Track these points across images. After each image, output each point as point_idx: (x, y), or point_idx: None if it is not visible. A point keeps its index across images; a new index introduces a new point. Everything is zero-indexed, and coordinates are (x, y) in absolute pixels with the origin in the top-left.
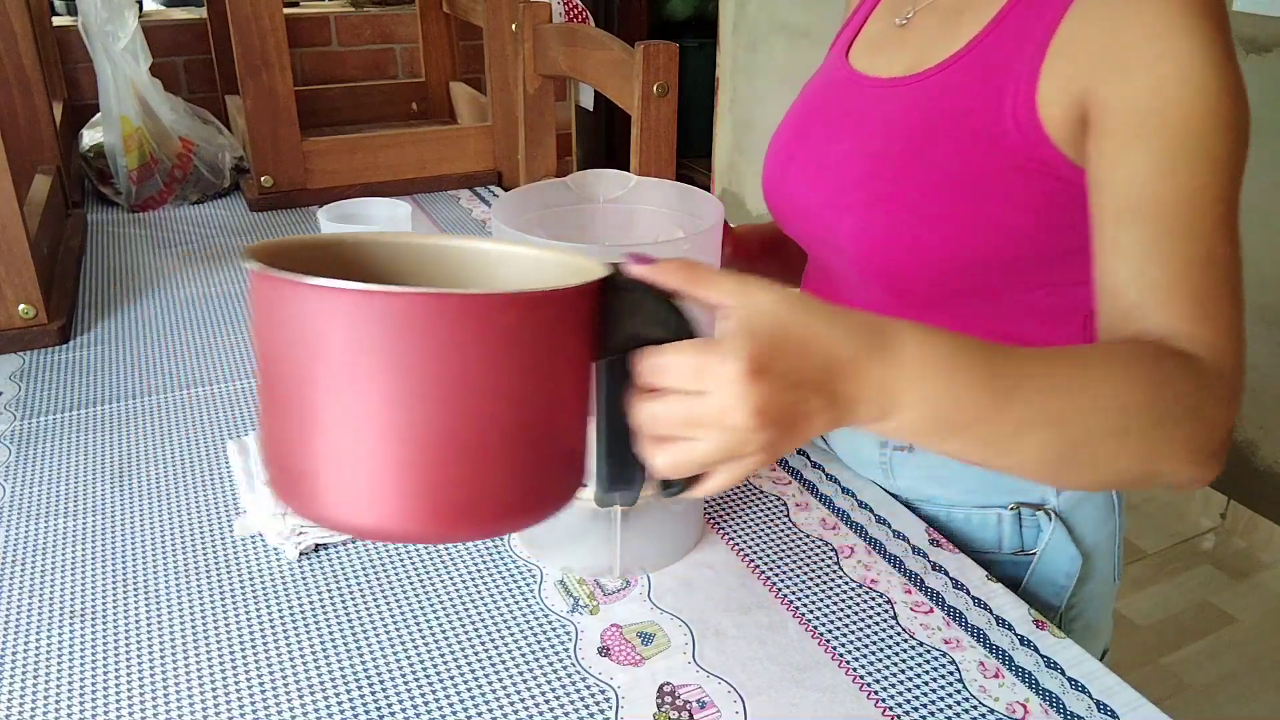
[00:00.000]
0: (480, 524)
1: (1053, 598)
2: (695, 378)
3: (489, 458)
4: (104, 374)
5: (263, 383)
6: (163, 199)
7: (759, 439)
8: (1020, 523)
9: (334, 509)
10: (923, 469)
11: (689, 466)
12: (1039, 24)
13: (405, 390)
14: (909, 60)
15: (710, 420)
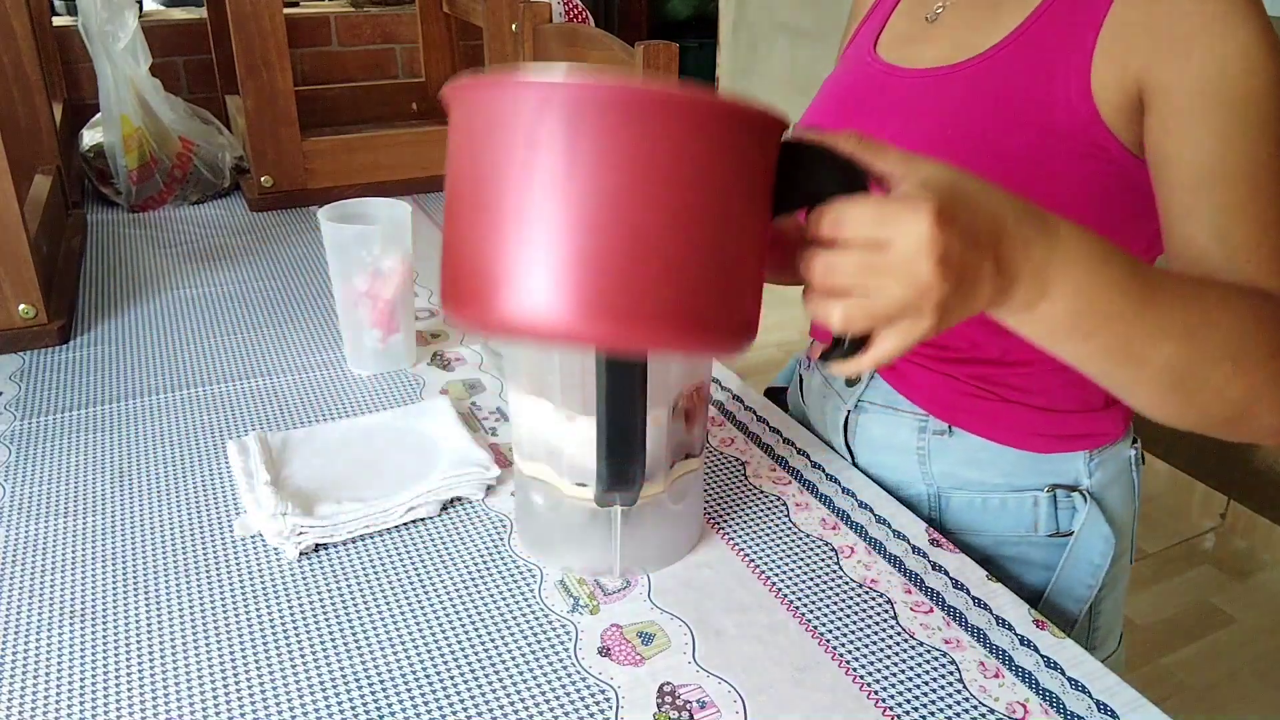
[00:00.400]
0: (660, 330)
1: (1088, 578)
2: (880, 226)
3: (677, 261)
4: (104, 374)
5: (459, 198)
6: (163, 199)
7: (937, 293)
8: (1056, 505)
9: (526, 308)
10: (959, 453)
11: (865, 319)
12: (1088, 10)
13: (608, 184)
14: (944, 51)
15: (893, 268)
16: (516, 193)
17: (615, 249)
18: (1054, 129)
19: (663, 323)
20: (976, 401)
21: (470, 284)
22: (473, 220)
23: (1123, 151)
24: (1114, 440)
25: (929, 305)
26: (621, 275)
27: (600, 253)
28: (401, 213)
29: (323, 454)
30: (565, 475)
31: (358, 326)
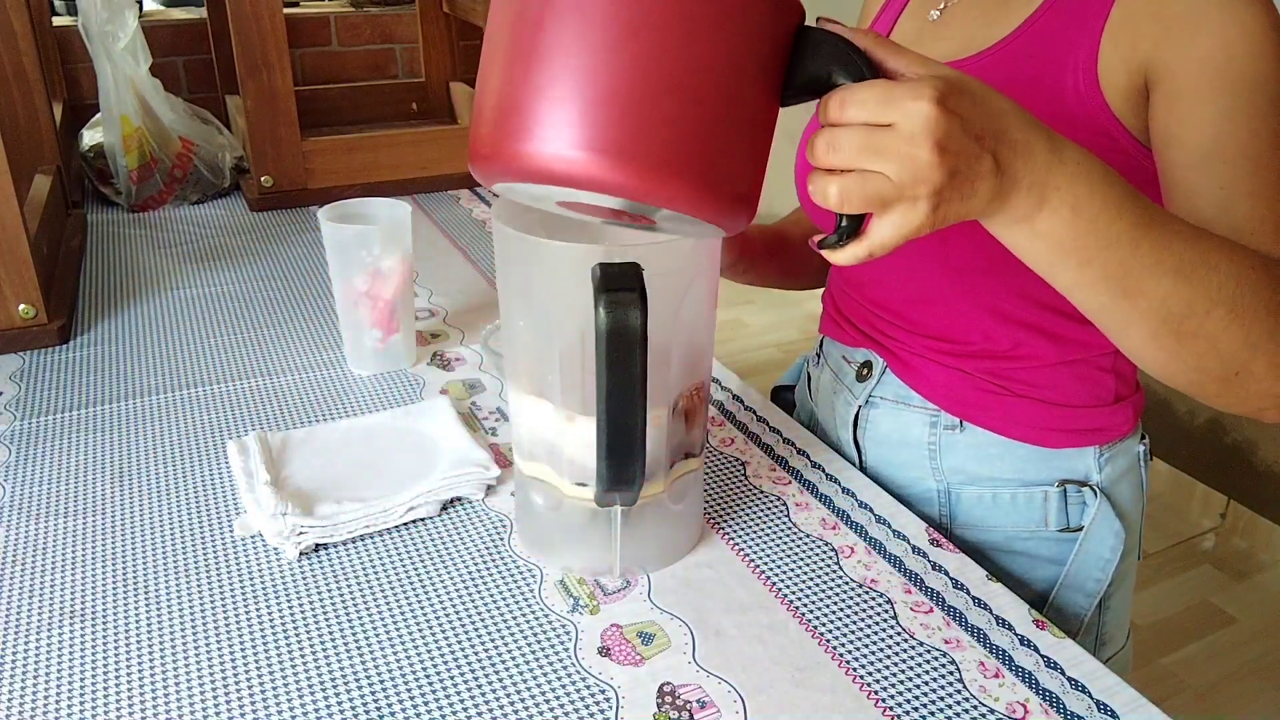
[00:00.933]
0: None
1: (1099, 572)
2: (884, 106)
3: (687, 111)
4: (104, 374)
5: (492, 45)
6: (163, 199)
7: (934, 179)
8: (1066, 500)
9: (549, 148)
10: (970, 449)
11: (861, 198)
12: (1093, 2)
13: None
14: (954, 47)
15: (892, 148)
16: (532, 32)
17: (626, 92)
18: (1063, 118)
19: (669, 171)
20: (988, 396)
21: (489, 126)
22: (496, 63)
23: (1130, 140)
24: (1123, 435)
25: (925, 191)
26: (631, 119)
27: (611, 96)
28: (401, 213)
29: (323, 454)
30: (565, 475)
31: (358, 326)
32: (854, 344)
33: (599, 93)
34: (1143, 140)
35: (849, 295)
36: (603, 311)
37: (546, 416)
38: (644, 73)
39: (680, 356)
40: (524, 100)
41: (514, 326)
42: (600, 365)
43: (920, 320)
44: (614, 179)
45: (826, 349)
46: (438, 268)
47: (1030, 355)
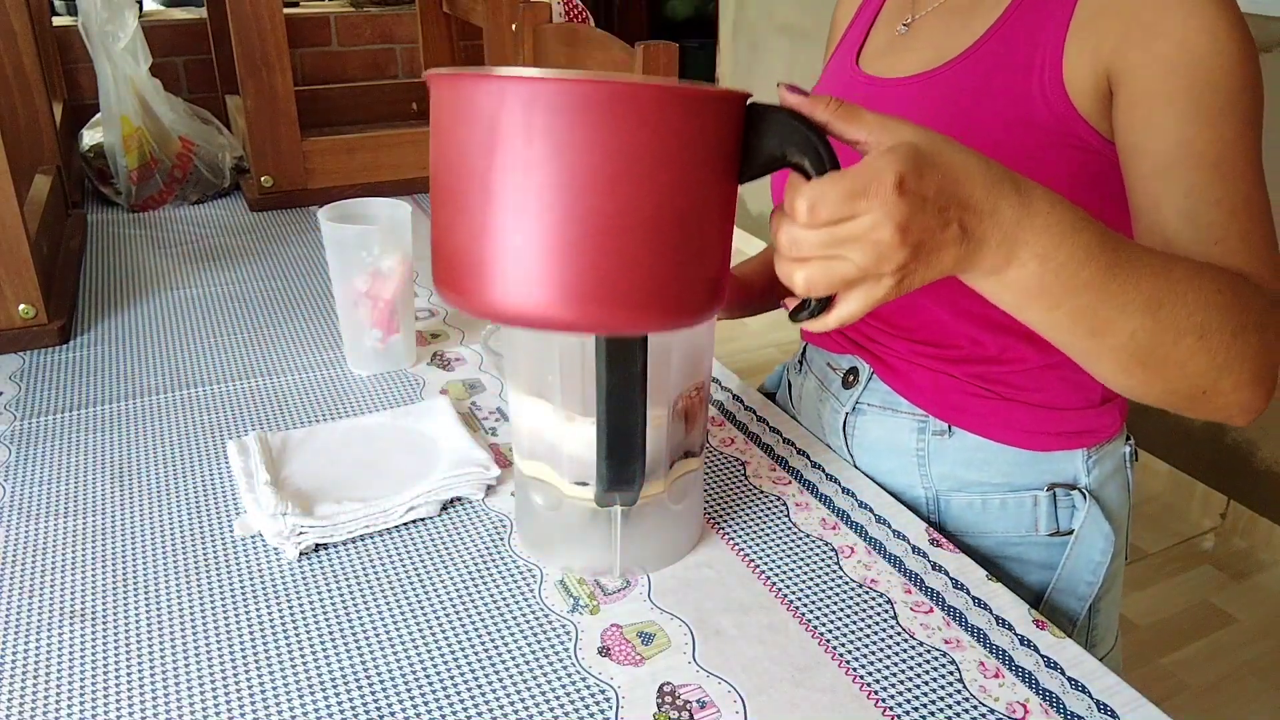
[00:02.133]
0: (632, 311)
1: (1090, 575)
2: (847, 205)
3: (647, 244)
4: (104, 374)
5: (437, 188)
6: (163, 199)
7: (897, 258)
8: (1055, 504)
9: (503, 296)
10: (958, 454)
11: (826, 284)
12: (1057, 2)
13: (575, 174)
14: (924, 58)
15: (855, 238)
16: (486, 185)
17: (586, 238)
18: (1031, 122)
19: (638, 304)
20: (976, 400)
21: (457, 270)
22: (455, 207)
23: (1101, 141)
24: (1110, 437)
25: (888, 269)
26: (593, 262)
27: (572, 242)
28: (401, 213)
29: (323, 454)
30: (565, 475)
31: (358, 326)
32: (839, 350)
33: (557, 240)
34: (1113, 139)
35: None
36: None
37: (546, 416)
38: (600, 218)
39: (680, 356)
40: (486, 250)
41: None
42: (600, 365)
43: (907, 325)
44: (580, 318)
45: (810, 356)
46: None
47: (1017, 359)
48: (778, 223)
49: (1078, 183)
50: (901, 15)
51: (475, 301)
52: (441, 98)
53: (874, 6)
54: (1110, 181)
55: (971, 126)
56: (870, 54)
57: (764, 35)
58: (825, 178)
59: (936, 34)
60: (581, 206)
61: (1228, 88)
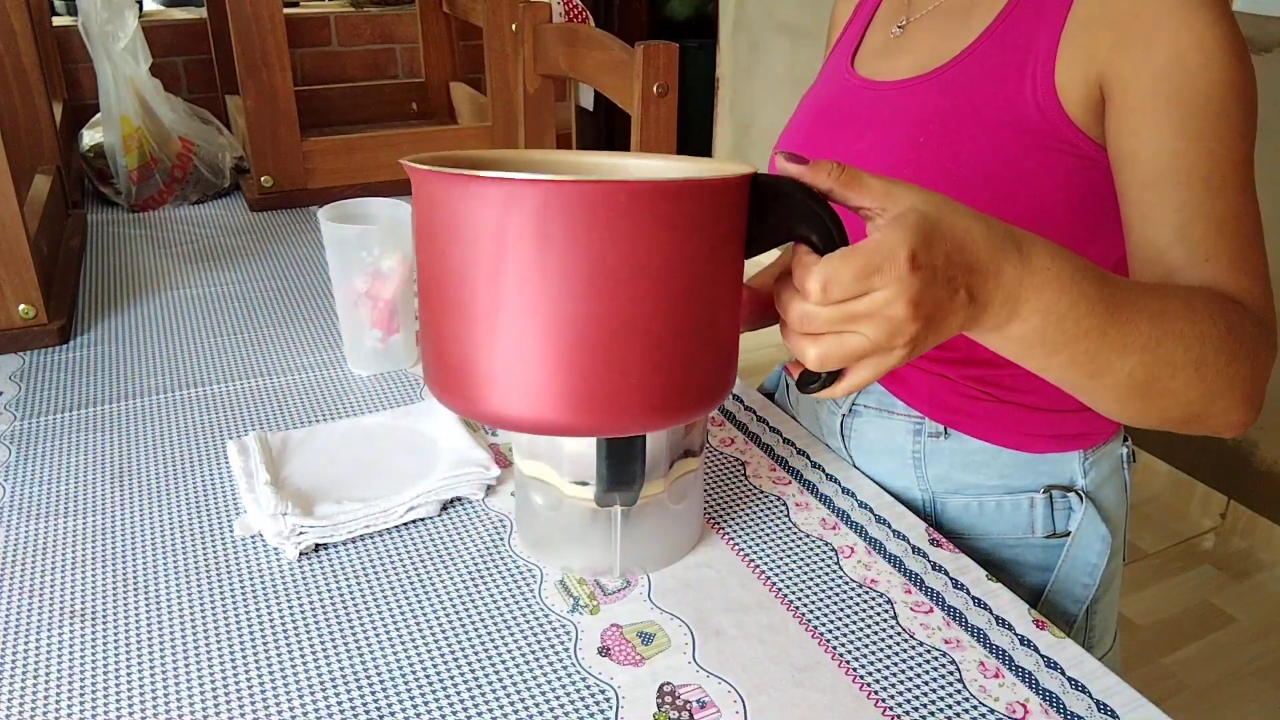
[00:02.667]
0: (641, 413)
1: (1087, 577)
2: (861, 284)
3: (653, 345)
4: (104, 374)
5: (425, 285)
6: (163, 199)
7: (910, 331)
8: (1052, 506)
9: (500, 403)
10: (955, 457)
11: (840, 360)
12: (1050, 8)
13: (570, 277)
14: (918, 61)
15: (868, 314)
16: (489, 292)
17: (590, 344)
18: (1024, 128)
19: (646, 406)
20: (972, 402)
21: (453, 376)
22: (449, 311)
23: (1093, 146)
24: (1107, 439)
25: (900, 343)
26: (599, 370)
27: (576, 349)
28: (401, 213)
29: (323, 454)
30: (565, 475)
31: (358, 326)
32: None
33: (564, 347)
34: (1104, 145)
35: None
36: None
37: None
38: (608, 323)
39: None
40: (490, 359)
41: None
42: None
43: None
44: (592, 424)
45: None
46: None
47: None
48: (788, 298)
49: (1069, 189)
50: (897, 17)
51: (481, 410)
52: (431, 196)
53: (871, 6)
54: (1102, 188)
55: (964, 131)
56: (865, 55)
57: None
58: (837, 255)
59: (931, 37)
60: (593, 310)
61: (1220, 99)
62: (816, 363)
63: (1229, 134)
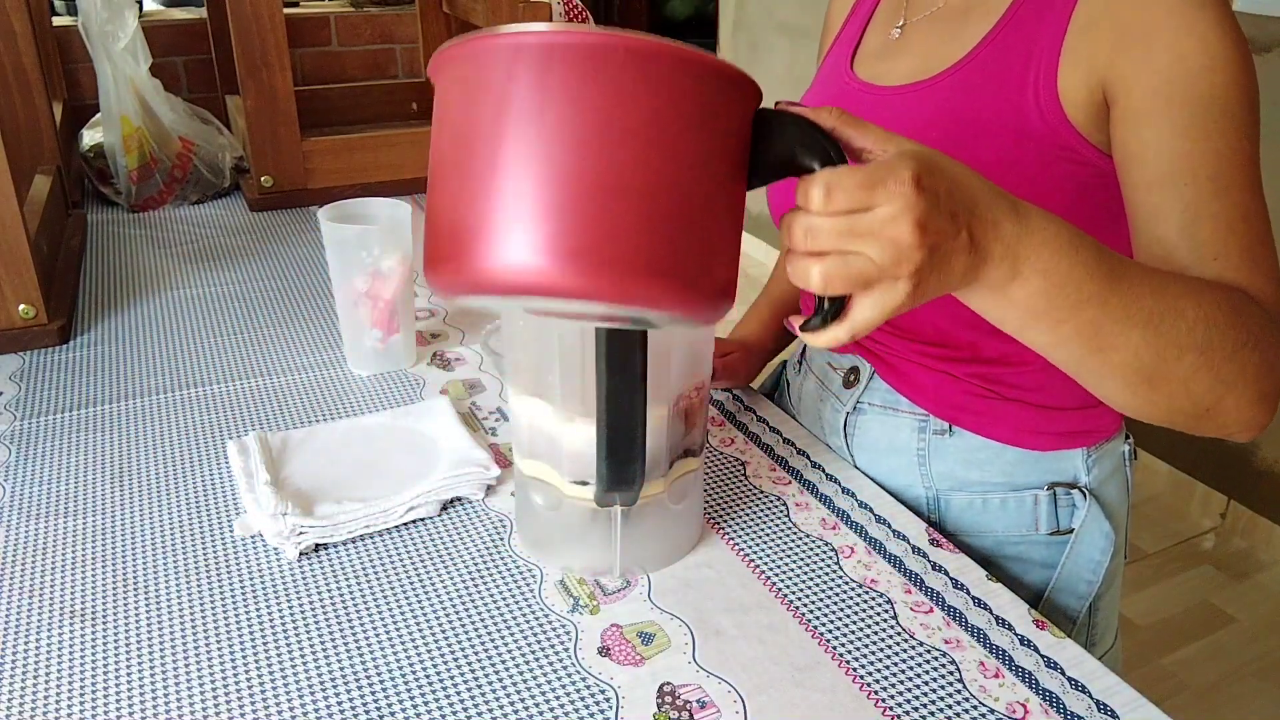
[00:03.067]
0: (637, 282)
1: (1090, 574)
2: (866, 194)
3: (655, 210)
4: (104, 374)
5: (432, 168)
6: (163, 199)
7: (915, 259)
8: (1055, 503)
9: (491, 260)
10: (959, 454)
11: (844, 281)
12: (1051, 14)
13: (581, 132)
14: (917, 65)
15: (873, 231)
16: (491, 145)
17: (589, 198)
18: (1025, 135)
19: (639, 274)
20: (976, 400)
21: (447, 245)
22: (451, 182)
23: (1095, 153)
24: (1110, 436)
25: (905, 271)
26: (596, 225)
27: (574, 202)
28: (401, 213)
29: (323, 454)
30: (565, 475)
31: (358, 326)
32: (840, 350)
33: (563, 199)
34: (1108, 152)
35: None
36: None
37: (546, 417)
38: (607, 178)
39: (680, 356)
40: (487, 212)
41: (514, 326)
42: (600, 365)
43: (909, 327)
44: (584, 284)
45: (809, 356)
46: None
47: (1018, 360)
48: (792, 219)
49: (1072, 196)
50: (895, 18)
51: (469, 271)
52: (445, 71)
53: (869, 6)
54: (1104, 195)
55: (965, 139)
56: (864, 57)
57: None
58: (841, 166)
59: (929, 40)
60: (591, 165)
61: (1224, 100)
62: (820, 282)
63: (1234, 134)
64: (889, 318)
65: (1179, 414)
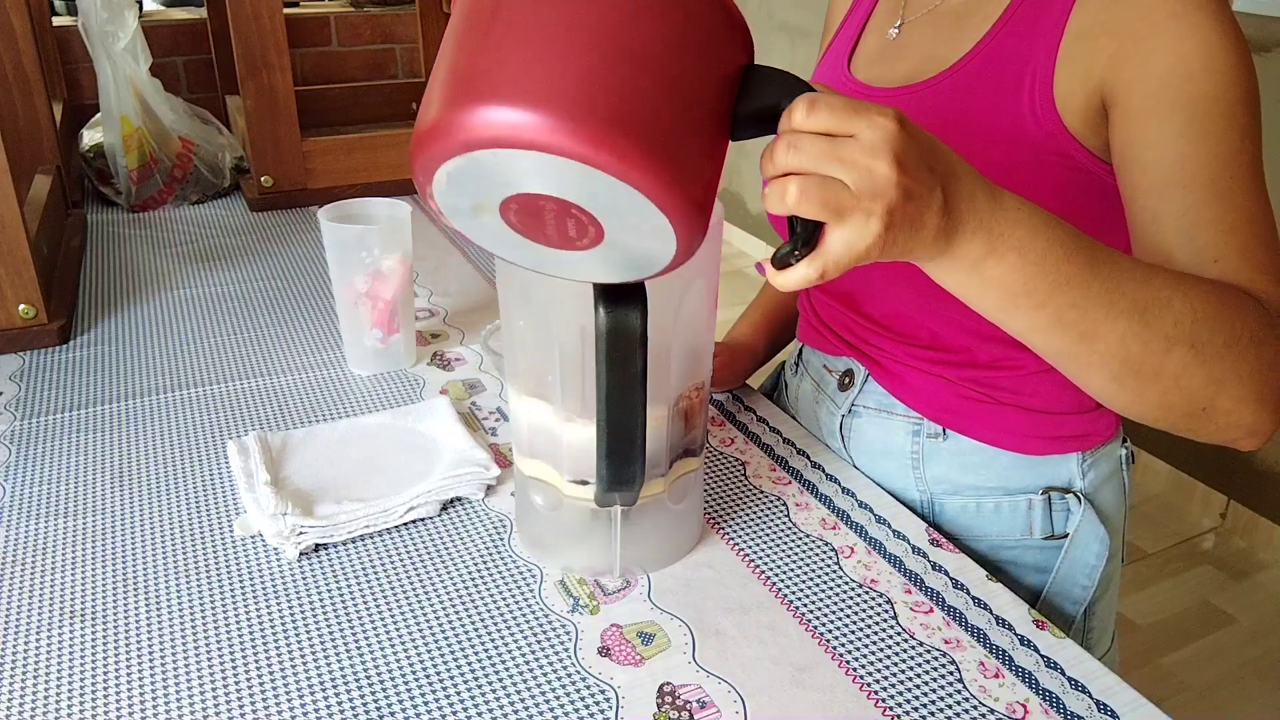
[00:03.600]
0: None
1: (1085, 579)
2: (849, 117)
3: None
4: (104, 374)
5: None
6: (163, 199)
7: (890, 194)
8: (1050, 508)
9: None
10: (953, 457)
11: (819, 199)
12: (1048, 18)
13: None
14: (914, 67)
15: (853, 157)
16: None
17: (582, 55)
18: (1022, 140)
19: (623, 132)
20: (971, 404)
21: (438, 92)
22: (446, 51)
23: (1091, 159)
24: (1106, 440)
25: (880, 208)
26: (587, 80)
27: (567, 57)
28: (401, 213)
29: (323, 454)
30: (565, 475)
31: (358, 326)
32: (836, 352)
33: (555, 54)
34: (1105, 158)
35: (831, 305)
36: (603, 312)
37: (546, 417)
38: (601, 38)
39: (680, 356)
40: (476, 66)
41: (514, 326)
42: (600, 365)
43: (903, 331)
44: (567, 138)
45: (806, 357)
46: (438, 268)
47: (1013, 365)
48: (773, 142)
49: (1067, 202)
50: (893, 17)
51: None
52: None
53: (866, 6)
54: (1100, 202)
55: (960, 142)
56: (862, 59)
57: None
58: (827, 91)
59: (926, 42)
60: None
61: (1224, 101)
62: (795, 197)
63: (1235, 136)
64: (859, 260)
65: (1173, 412)
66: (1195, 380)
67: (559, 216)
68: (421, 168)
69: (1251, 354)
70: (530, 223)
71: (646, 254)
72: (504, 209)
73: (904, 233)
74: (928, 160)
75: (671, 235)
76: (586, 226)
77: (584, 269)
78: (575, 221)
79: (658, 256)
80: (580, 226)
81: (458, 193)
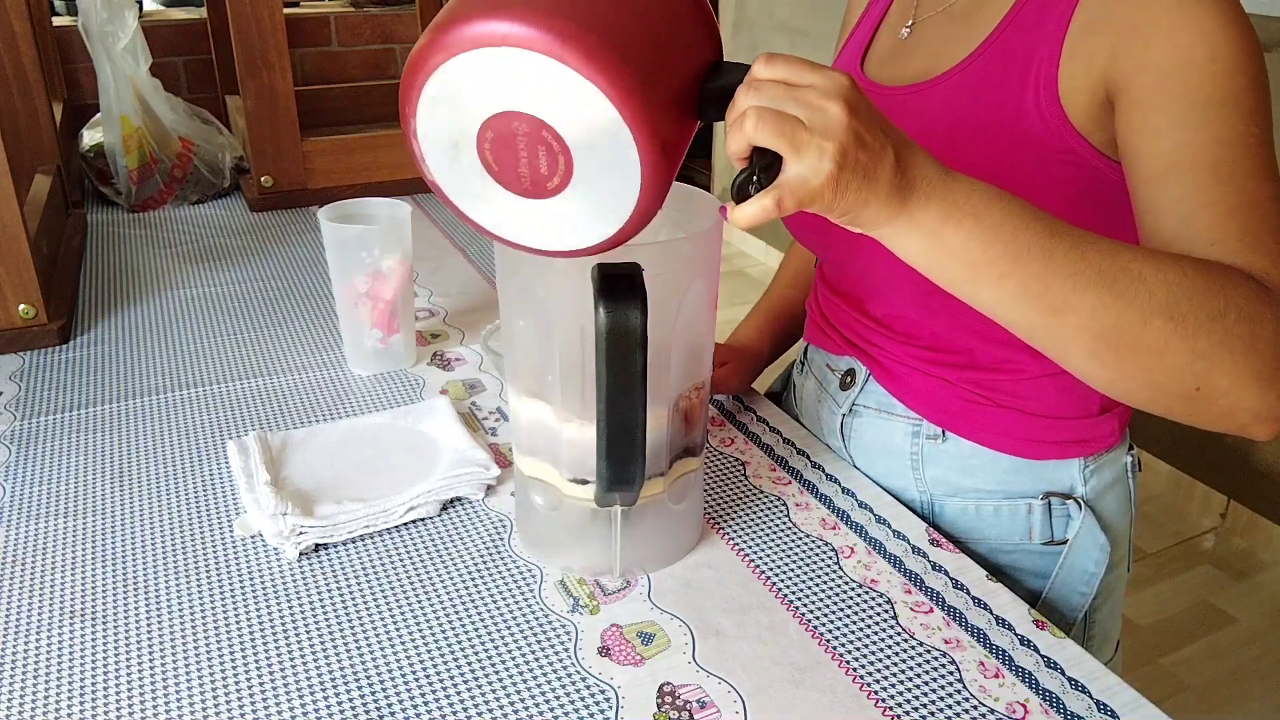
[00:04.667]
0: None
1: (1084, 586)
2: (806, 71)
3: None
4: (104, 374)
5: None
6: (163, 199)
7: (841, 136)
8: (1050, 513)
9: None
10: (953, 459)
11: (775, 127)
12: (1052, 14)
13: None
14: (924, 66)
15: (808, 97)
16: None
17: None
18: (1027, 136)
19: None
20: (971, 406)
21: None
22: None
23: (1096, 155)
24: (1110, 447)
25: (831, 147)
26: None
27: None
28: (401, 213)
29: (323, 454)
30: (565, 475)
31: (358, 326)
32: (839, 352)
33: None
34: (1110, 154)
35: (835, 304)
36: (603, 312)
37: (546, 416)
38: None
39: (680, 356)
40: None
41: (514, 326)
42: (600, 365)
43: (905, 331)
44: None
45: (810, 356)
46: (438, 268)
47: (1015, 368)
48: (737, 92)
49: (1072, 197)
50: (905, 17)
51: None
52: None
53: (881, 6)
54: (1106, 197)
55: (966, 139)
56: (875, 58)
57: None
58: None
59: (935, 41)
60: None
61: (1227, 88)
62: (753, 124)
63: (1239, 120)
64: (814, 196)
65: (1164, 392)
66: (1179, 355)
67: (531, 146)
68: (408, 92)
69: (1244, 329)
70: (505, 158)
71: (614, 198)
72: (480, 141)
73: (856, 178)
74: (880, 122)
75: (638, 172)
76: (558, 157)
77: (556, 228)
78: (547, 152)
79: (625, 200)
80: (552, 159)
81: (439, 121)
